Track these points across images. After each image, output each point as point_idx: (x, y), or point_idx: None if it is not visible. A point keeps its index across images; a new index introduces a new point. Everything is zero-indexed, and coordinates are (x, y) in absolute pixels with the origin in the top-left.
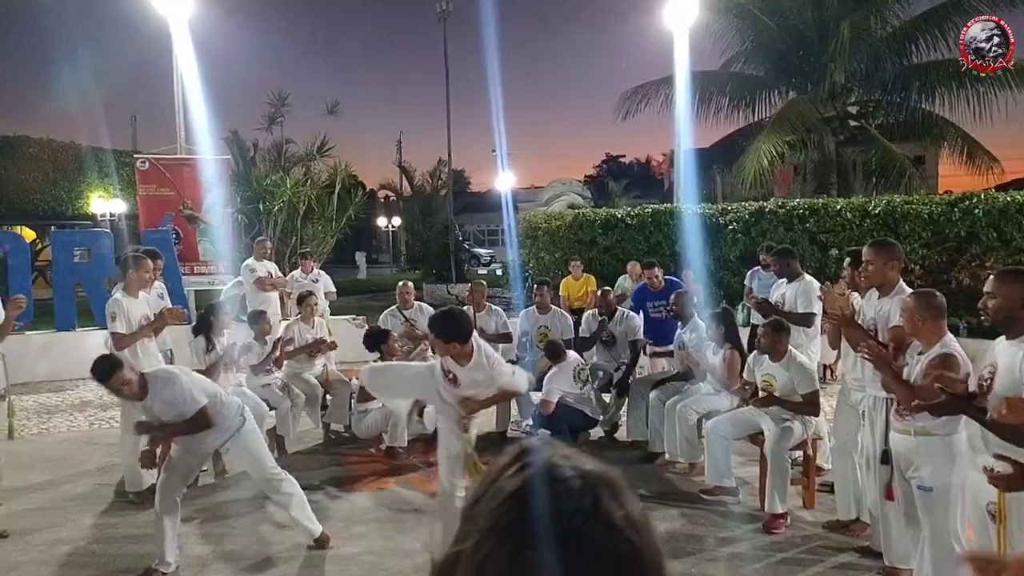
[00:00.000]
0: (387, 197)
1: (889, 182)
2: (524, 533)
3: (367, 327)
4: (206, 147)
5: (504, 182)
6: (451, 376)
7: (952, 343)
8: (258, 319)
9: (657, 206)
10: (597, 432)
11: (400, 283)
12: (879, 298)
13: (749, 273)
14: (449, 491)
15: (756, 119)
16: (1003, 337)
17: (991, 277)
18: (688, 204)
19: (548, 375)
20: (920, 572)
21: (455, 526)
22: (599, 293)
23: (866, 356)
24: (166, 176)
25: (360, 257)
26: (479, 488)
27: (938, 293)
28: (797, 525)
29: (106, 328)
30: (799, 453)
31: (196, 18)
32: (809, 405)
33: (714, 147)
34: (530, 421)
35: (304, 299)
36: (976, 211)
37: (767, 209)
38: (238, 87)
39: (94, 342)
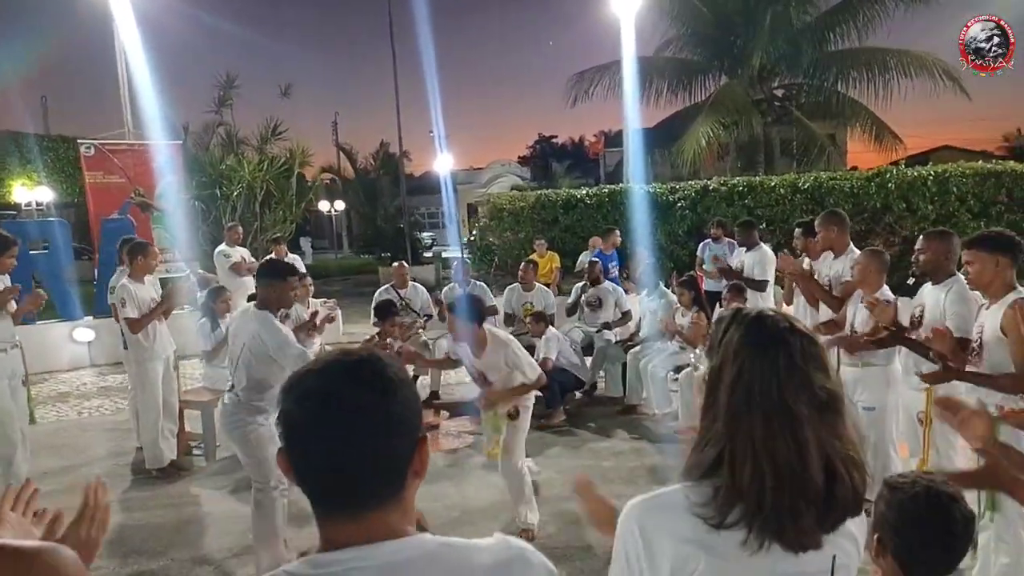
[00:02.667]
0: (331, 180)
1: (811, 160)
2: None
3: (337, 311)
4: (156, 132)
5: (443, 164)
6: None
7: (888, 292)
8: (216, 296)
9: (613, 187)
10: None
11: (395, 264)
12: (833, 259)
13: (701, 245)
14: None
15: (692, 102)
16: (928, 284)
17: (921, 236)
18: (640, 184)
19: (543, 339)
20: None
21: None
22: (589, 263)
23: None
24: (114, 163)
25: (305, 243)
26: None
27: (884, 251)
28: None
29: (71, 320)
30: None
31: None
32: None
33: (654, 129)
34: None
35: (300, 279)
36: (889, 185)
37: (711, 187)
38: (184, 70)
39: (57, 335)
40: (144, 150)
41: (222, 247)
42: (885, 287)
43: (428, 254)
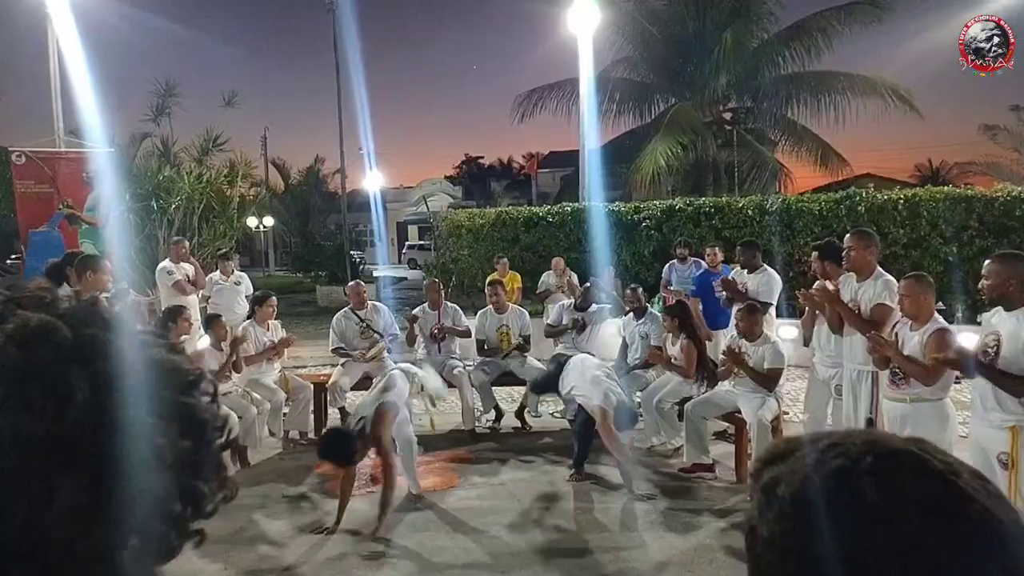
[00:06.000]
0: (255, 195)
1: (763, 183)
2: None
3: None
4: (89, 140)
5: (373, 181)
6: None
7: (940, 320)
8: (213, 324)
9: (576, 205)
10: (562, 423)
11: (352, 283)
12: (858, 281)
13: (667, 266)
14: None
15: (642, 122)
16: (999, 309)
17: (987, 261)
18: (602, 203)
19: (572, 380)
20: None
21: None
22: (583, 289)
23: (874, 341)
24: (45, 171)
25: (235, 259)
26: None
27: (927, 275)
28: None
29: None
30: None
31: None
32: (768, 379)
33: (601, 148)
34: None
35: (264, 300)
36: (859, 208)
37: (677, 207)
38: (122, 76)
39: None
40: (75, 158)
41: (165, 263)
42: (937, 314)
43: (378, 273)
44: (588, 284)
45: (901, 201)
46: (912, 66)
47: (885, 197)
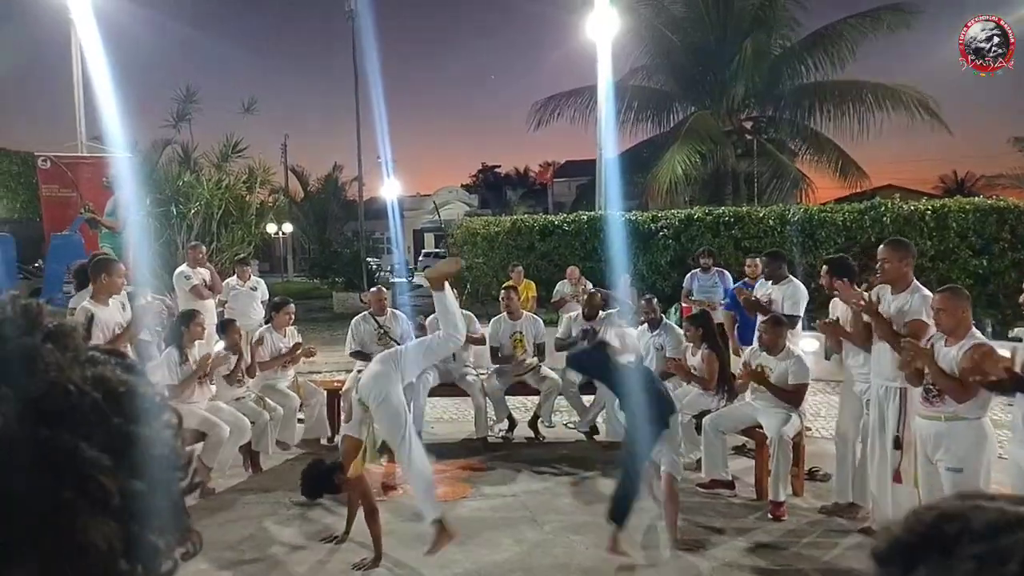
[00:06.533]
0: (274, 201)
1: (784, 194)
2: None
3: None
4: (111, 145)
5: (390, 189)
6: None
7: (978, 334)
8: (228, 328)
9: (592, 214)
10: (576, 435)
11: (374, 288)
12: (893, 293)
13: (689, 276)
14: None
15: (660, 130)
16: None
17: None
18: (619, 212)
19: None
20: None
21: None
22: (587, 296)
23: (909, 348)
24: (68, 176)
25: (254, 265)
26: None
27: (962, 288)
28: (796, 511)
29: None
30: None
31: (99, 6)
32: (794, 394)
33: (619, 156)
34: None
35: (282, 306)
36: (884, 219)
37: (695, 217)
38: (144, 82)
39: None
40: (96, 163)
41: (182, 268)
42: (974, 328)
43: (394, 280)
44: (593, 292)
45: (928, 212)
46: (936, 75)
47: (912, 208)
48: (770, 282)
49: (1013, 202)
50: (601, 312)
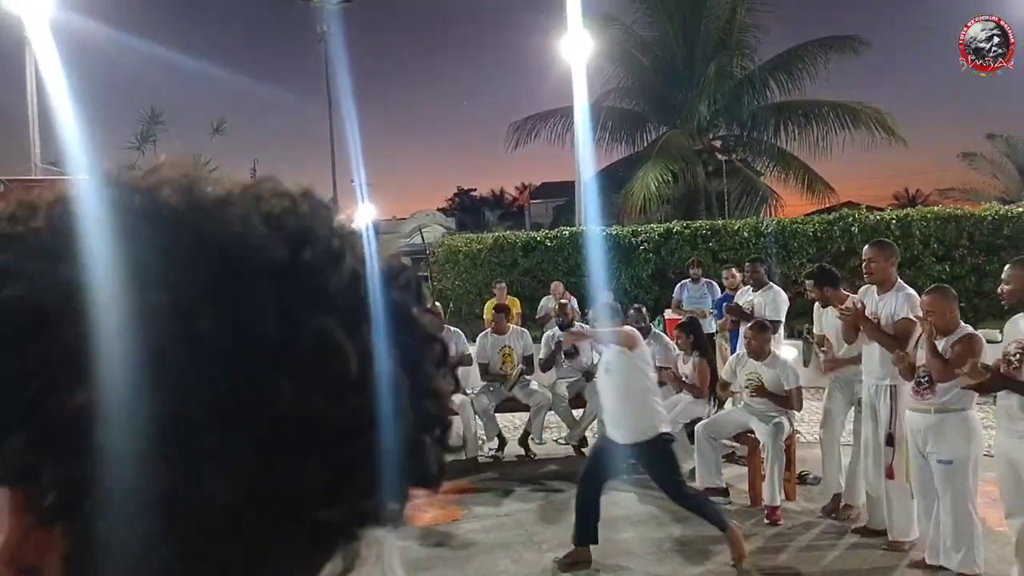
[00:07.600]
0: None
1: (754, 209)
2: None
3: None
4: (74, 168)
5: (365, 214)
6: None
7: (966, 326)
8: None
9: (574, 229)
10: (567, 450)
11: None
12: (879, 294)
13: (679, 286)
14: None
15: (635, 150)
16: (1020, 316)
17: (1007, 266)
18: (600, 227)
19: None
20: (936, 538)
21: None
22: (556, 307)
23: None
24: None
25: None
26: None
27: (949, 286)
28: (790, 515)
29: None
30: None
31: (57, 24)
32: (790, 399)
33: (597, 175)
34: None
35: None
36: (853, 228)
37: (674, 230)
38: (105, 102)
39: None
40: (54, 187)
41: None
42: (962, 322)
43: None
44: (562, 302)
45: (894, 221)
46: (891, 96)
47: (877, 217)
48: (750, 288)
49: (969, 210)
50: (578, 323)
